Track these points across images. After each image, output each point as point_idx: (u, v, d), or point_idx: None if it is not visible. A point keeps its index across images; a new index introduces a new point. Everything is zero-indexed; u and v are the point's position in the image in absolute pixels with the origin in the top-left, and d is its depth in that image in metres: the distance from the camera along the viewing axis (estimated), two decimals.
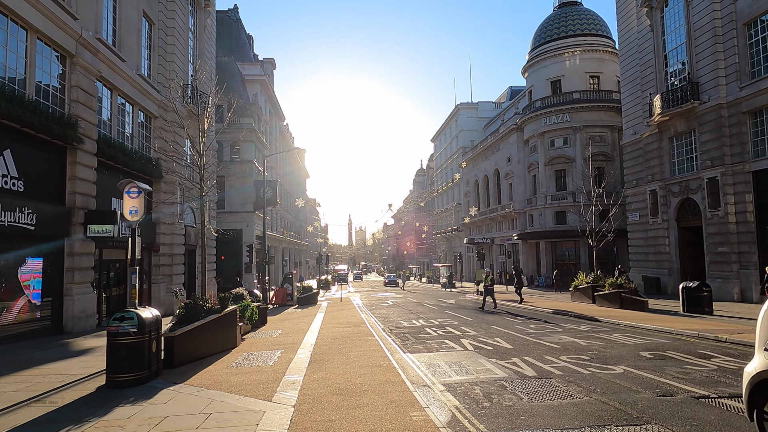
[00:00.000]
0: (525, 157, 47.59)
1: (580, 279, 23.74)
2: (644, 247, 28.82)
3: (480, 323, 15.20)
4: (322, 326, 15.00)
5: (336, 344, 11.14)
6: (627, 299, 18.43)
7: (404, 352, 9.98)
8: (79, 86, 15.31)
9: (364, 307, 23.89)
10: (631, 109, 30.30)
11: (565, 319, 16.03)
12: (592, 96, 42.11)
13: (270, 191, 38.24)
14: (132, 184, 9.96)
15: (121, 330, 7.25)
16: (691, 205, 25.42)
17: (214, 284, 28.27)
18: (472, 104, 70.46)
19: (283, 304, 26.37)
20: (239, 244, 38.10)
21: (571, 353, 9.40)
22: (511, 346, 10.52)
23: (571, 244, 42.74)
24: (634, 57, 29.42)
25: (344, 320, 16.92)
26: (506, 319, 16.31)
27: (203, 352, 9.69)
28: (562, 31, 44.32)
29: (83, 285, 15.17)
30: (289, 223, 60.99)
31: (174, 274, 21.62)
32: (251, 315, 13.21)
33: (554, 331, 12.79)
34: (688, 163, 25.60)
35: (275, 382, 7.32)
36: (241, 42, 49.74)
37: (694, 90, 24.13)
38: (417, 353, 9.88)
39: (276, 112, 53.93)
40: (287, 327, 14.98)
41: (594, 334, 12.09)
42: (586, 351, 9.65)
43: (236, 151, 40.11)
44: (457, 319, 16.82)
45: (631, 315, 15.95)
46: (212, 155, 28.38)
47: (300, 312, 21.46)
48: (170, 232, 21.55)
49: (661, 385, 6.69)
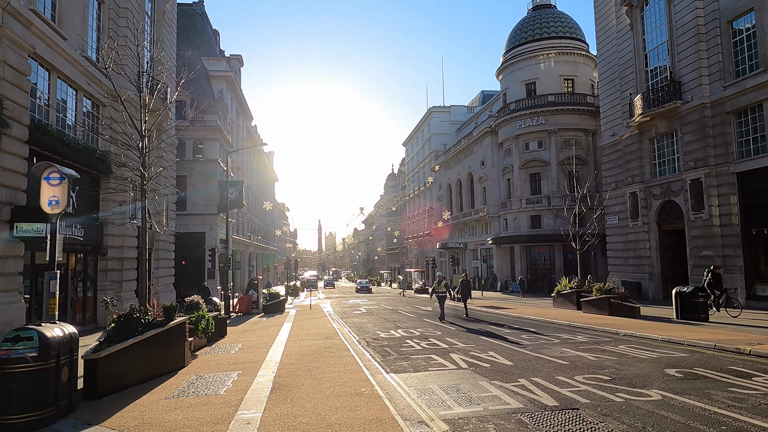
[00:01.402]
0: (499, 161, 46.86)
1: (563, 284, 22.68)
2: (624, 251, 28.10)
3: (466, 334, 13.74)
4: (290, 338, 13.23)
5: (305, 362, 9.42)
6: (617, 305, 17.35)
7: (387, 372, 8.37)
8: (6, 62, 13.14)
9: (336, 315, 22.15)
10: (609, 111, 29.68)
11: (556, 328, 14.74)
12: (567, 99, 41.73)
13: (235, 192, 36.13)
14: (51, 168, 8.06)
15: (14, 355, 5.39)
16: (673, 208, 24.79)
17: (171, 291, 25.97)
18: (445, 107, 69.73)
19: (247, 312, 24.33)
20: (203, 248, 35.72)
21: (584, 372, 7.99)
22: (511, 362, 9.05)
23: (546, 248, 42.08)
24: (612, 57, 28.83)
25: (314, 331, 15.16)
26: (492, 329, 14.92)
27: (139, 376, 7.84)
28: (536, 33, 43.85)
29: (9, 293, 12.95)
30: (256, 227, 58.50)
31: (124, 280, 19.37)
32: (206, 327, 11.35)
33: (552, 343, 11.42)
34: (669, 165, 24.98)
35: (224, 421, 5.59)
36: (207, 36, 47.35)
37: (676, 89, 23.52)
38: (403, 373, 8.28)
39: (243, 111, 51.61)
40: (249, 340, 13.12)
41: (598, 346, 10.77)
42: (600, 368, 8.26)
43: (200, 149, 37.71)
44: (439, 328, 15.32)
45: (625, 323, 14.79)
46: (171, 150, 26.22)
47: (265, 321, 19.55)
48: (120, 233, 19.32)
49: (722, 420, 5.30)
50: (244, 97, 50.41)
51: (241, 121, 50.96)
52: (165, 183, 24.89)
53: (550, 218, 41.16)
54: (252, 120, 58.37)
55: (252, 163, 57.46)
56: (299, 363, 9.34)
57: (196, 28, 47.04)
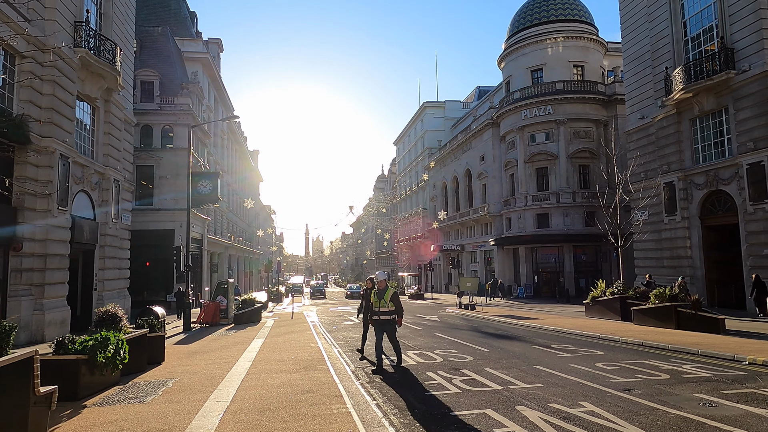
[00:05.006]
0: (501, 155, 43.08)
1: (599, 288, 18.70)
2: (656, 250, 24.27)
3: (509, 358, 9.66)
4: (252, 368, 9.00)
5: (263, 430, 5.24)
6: (687, 316, 13.39)
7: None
8: None
9: (322, 326, 17.95)
10: (636, 91, 25.97)
11: (637, 352, 10.65)
12: (577, 87, 38.10)
13: (210, 185, 31.64)
14: None
15: None
16: (721, 199, 21.06)
17: (124, 297, 21.51)
18: (439, 103, 66.06)
19: (214, 323, 19.98)
20: (171, 248, 31.23)
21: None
22: (642, 429, 4.99)
23: (554, 250, 38.23)
24: (642, 29, 25.15)
25: (291, 353, 10.88)
26: (536, 348, 10.86)
27: None
28: (543, 15, 40.22)
29: None
30: (240, 229, 53.98)
31: (48, 283, 14.96)
32: (113, 357, 7.07)
33: (661, 381, 7.38)
34: (717, 149, 21.25)
35: None
36: (182, 16, 42.92)
37: (727, 58, 19.83)
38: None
39: (222, 100, 47.16)
40: (191, 371, 8.83)
41: (730, 390, 6.77)
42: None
43: (169, 138, 33.03)
44: (462, 348, 11.23)
45: (717, 342, 10.86)
46: (125, 129, 21.81)
47: (231, 337, 15.22)
48: (44, 223, 14.92)
49: None
50: (223, 86, 46.00)
51: (220, 111, 46.52)
52: (116, 166, 20.53)
53: (558, 216, 37.45)
54: (233, 112, 53.88)
55: (235, 163, 53.00)
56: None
57: (170, 6, 42.65)
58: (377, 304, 9.27)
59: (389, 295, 9.18)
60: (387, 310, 9.20)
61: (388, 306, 9.18)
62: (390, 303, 9.18)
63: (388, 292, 9.21)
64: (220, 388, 7.14)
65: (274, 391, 6.92)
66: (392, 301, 9.18)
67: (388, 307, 9.19)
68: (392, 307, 9.21)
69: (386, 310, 9.21)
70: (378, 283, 9.49)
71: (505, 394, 6.62)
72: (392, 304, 9.20)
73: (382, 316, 9.25)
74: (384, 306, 9.19)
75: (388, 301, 9.17)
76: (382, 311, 9.23)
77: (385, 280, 9.66)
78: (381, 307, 9.23)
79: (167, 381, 7.84)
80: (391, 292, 9.24)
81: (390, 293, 9.20)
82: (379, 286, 9.43)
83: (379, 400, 6.56)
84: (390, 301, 9.17)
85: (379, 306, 9.24)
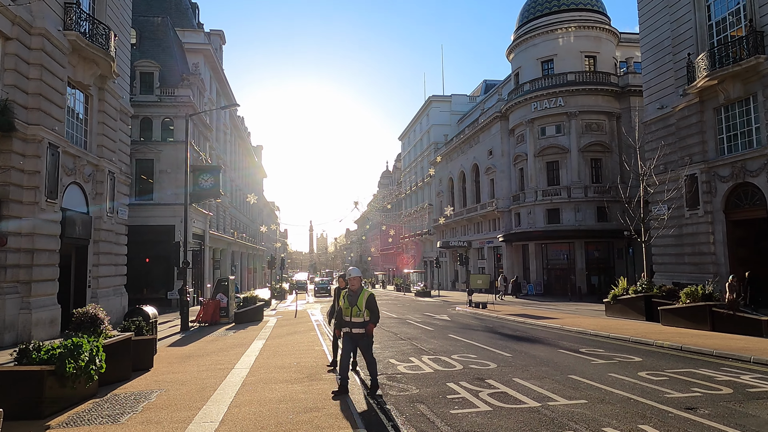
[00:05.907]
0: (510, 149, 41.93)
1: (620, 287, 17.63)
2: (677, 246, 23.15)
3: (537, 366, 8.66)
4: (250, 376, 8.03)
5: None
6: (722, 317, 12.32)
7: None
8: None
9: (327, 326, 16.97)
10: (655, 80, 24.80)
11: (681, 359, 9.57)
12: (589, 78, 36.87)
13: (211, 180, 30.57)
14: None
15: None
16: (748, 192, 19.92)
17: (120, 295, 20.64)
18: (446, 97, 64.86)
19: (214, 321, 19.05)
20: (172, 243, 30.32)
21: None
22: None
23: (565, 246, 37.05)
24: (661, 14, 23.96)
25: (293, 359, 9.91)
26: (563, 353, 9.84)
27: None
28: (554, 5, 38.95)
29: None
30: (244, 225, 53.10)
31: (36, 280, 14.04)
32: (86, 367, 6.08)
33: (717, 392, 6.39)
34: (744, 139, 20.10)
35: None
36: (183, 7, 41.93)
37: (756, 42, 18.66)
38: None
39: (225, 93, 46.21)
40: (181, 380, 7.85)
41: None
42: None
43: (170, 131, 32.05)
44: (482, 352, 10.23)
45: (766, 347, 9.79)
46: (121, 119, 20.86)
47: (230, 338, 14.27)
48: (31, 216, 13.99)
49: None
50: (226, 79, 45.04)
51: (223, 105, 45.56)
52: (111, 158, 19.60)
53: (570, 212, 36.33)
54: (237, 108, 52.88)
55: (239, 159, 52.15)
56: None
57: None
58: (348, 312, 6.86)
59: (363, 301, 6.83)
60: (361, 320, 6.79)
61: (363, 315, 6.79)
62: (366, 311, 6.83)
63: (363, 296, 6.88)
64: (210, 404, 6.16)
65: (272, 409, 5.92)
66: (368, 308, 6.87)
67: (363, 316, 6.79)
68: (368, 316, 6.84)
69: (360, 320, 6.78)
70: (350, 282, 7.16)
71: (546, 414, 5.61)
72: (368, 312, 6.86)
73: (354, 328, 6.80)
74: (357, 315, 6.78)
75: (362, 309, 6.79)
76: (355, 322, 6.79)
77: (360, 278, 7.26)
78: (353, 317, 6.80)
79: (151, 393, 6.87)
80: (367, 295, 6.92)
81: (365, 297, 6.87)
82: (352, 286, 7.11)
83: (396, 420, 5.56)
84: (366, 309, 6.84)
85: (351, 315, 6.82)
